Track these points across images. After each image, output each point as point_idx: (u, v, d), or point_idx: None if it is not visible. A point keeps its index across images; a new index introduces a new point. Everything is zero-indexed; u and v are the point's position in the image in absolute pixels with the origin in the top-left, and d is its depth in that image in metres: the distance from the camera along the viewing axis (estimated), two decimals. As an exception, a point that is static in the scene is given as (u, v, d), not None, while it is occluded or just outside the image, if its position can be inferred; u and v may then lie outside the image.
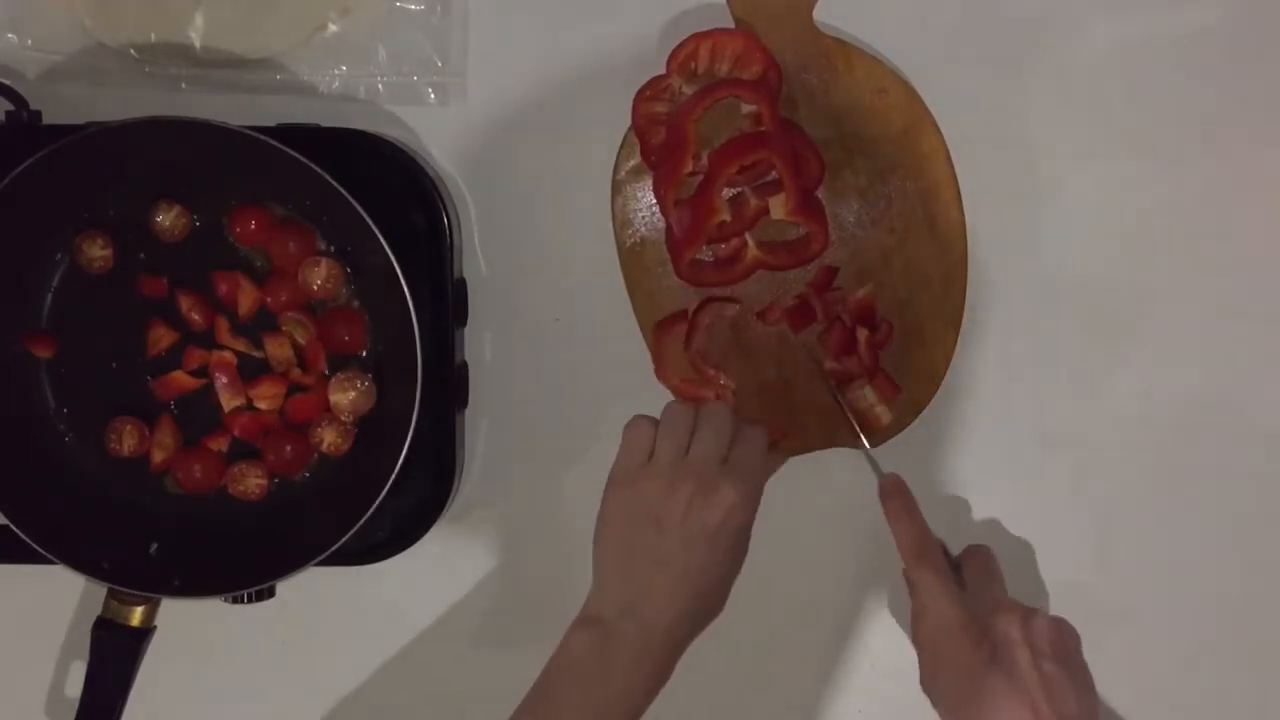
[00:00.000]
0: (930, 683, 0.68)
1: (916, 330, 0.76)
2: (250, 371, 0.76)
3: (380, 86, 0.78)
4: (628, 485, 0.68)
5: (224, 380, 0.75)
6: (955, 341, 0.76)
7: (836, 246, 0.76)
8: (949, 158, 0.75)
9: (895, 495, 0.73)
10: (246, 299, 0.75)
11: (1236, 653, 0.79)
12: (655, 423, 0.69)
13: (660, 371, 0.77)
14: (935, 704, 0.68)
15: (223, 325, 0.76)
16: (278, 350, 0.75)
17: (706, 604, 0.66)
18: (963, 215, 0.76)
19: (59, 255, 0.76)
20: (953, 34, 0.77)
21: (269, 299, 0.76)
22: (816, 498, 0.77)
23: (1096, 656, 0.78)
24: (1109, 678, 0.78)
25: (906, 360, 0.76)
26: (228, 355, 0.76)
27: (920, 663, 0.69)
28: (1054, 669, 0.65)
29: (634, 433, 0.69)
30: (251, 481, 0.76)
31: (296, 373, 0.76)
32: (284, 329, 0.76)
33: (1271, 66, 0.77)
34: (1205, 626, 0.79)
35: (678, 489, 0.66)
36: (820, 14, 0.76)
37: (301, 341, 0.76)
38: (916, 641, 0.70)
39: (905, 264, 0.76)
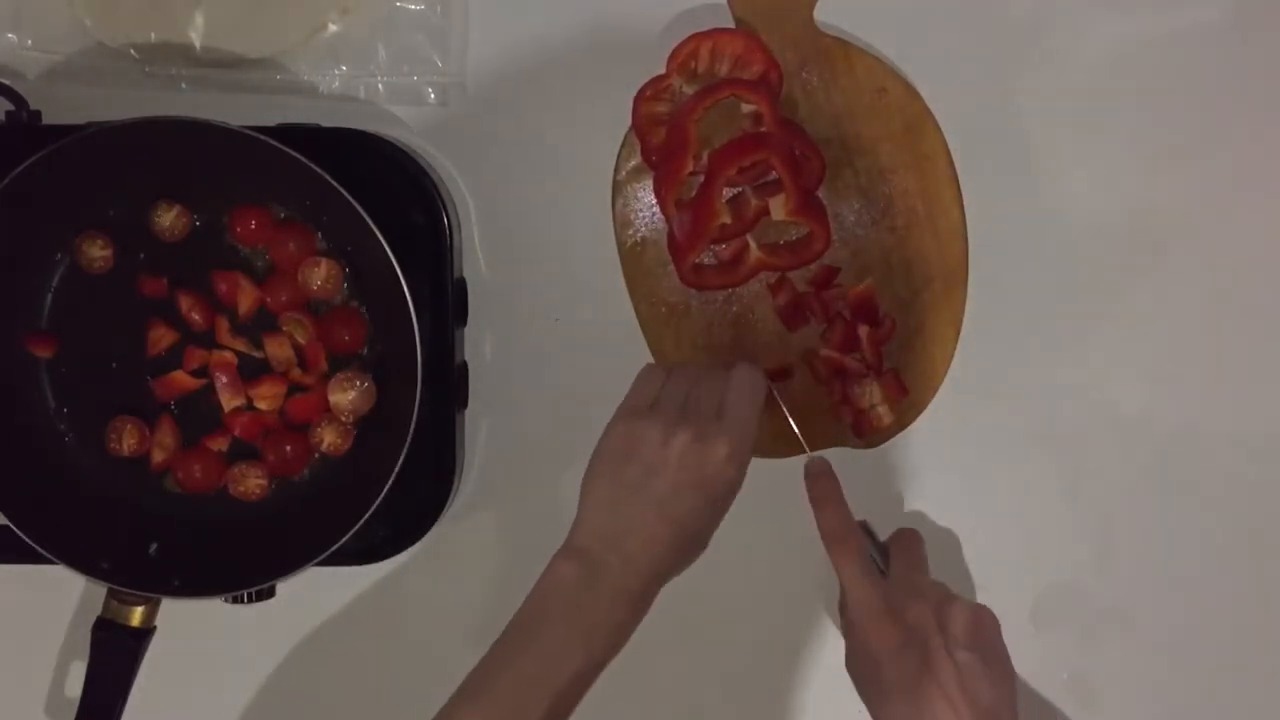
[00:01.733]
0: (851, 666, 0.69)
1: (918, 330, 0.76)
2: (250, 371, 0.76)
3: (380, 86, 0.78)
4: (629, 425, 0.68)
5: (224, 380, 0.75)
6: (956, 341, 0.76)
7: (837, 246, 0.76)
8: (949, 157, 0.75)
9: (819, 478, 0.73)
10: (246, 299, 0.75)
11: (1235, 653, 0.79)
12: (666, 373, 0.70)
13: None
14: (856, 687, 0.69)
15: (223, 325, 0.76)
16: (278, 350, 0.75)
17: (687, 548, 0.67)
18: (963, 214, 0.76)
19: (59, 255, 0.76)
20: (953, 34, 0.77)
21: (269, 299, 0.75)
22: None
23: (1093, 656, 0.79)
24: (1106, 677, 0.79)
25: (908, 359, 0.76)
26: (228, 355, 0.76)
27: (845, 646, 0.70)
28: (968, 657, 0.65)
29: (644, 378, 0.71)
30: (252, 482, 0.76)
31: (296, 373, 0.76)
32: (284, 329, 0.76)
33: (1272, 65, 0.77)
34: (1204, 627, 0.79)
35: (674, 437, 0.66)
36: (820, 14, 0.76)
37: (301, 341, 0.75)
38: (842, 626, 0.71)
39: (906, 264, 0.76)
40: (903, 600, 0.68)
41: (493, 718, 0.62)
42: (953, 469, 0.79)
